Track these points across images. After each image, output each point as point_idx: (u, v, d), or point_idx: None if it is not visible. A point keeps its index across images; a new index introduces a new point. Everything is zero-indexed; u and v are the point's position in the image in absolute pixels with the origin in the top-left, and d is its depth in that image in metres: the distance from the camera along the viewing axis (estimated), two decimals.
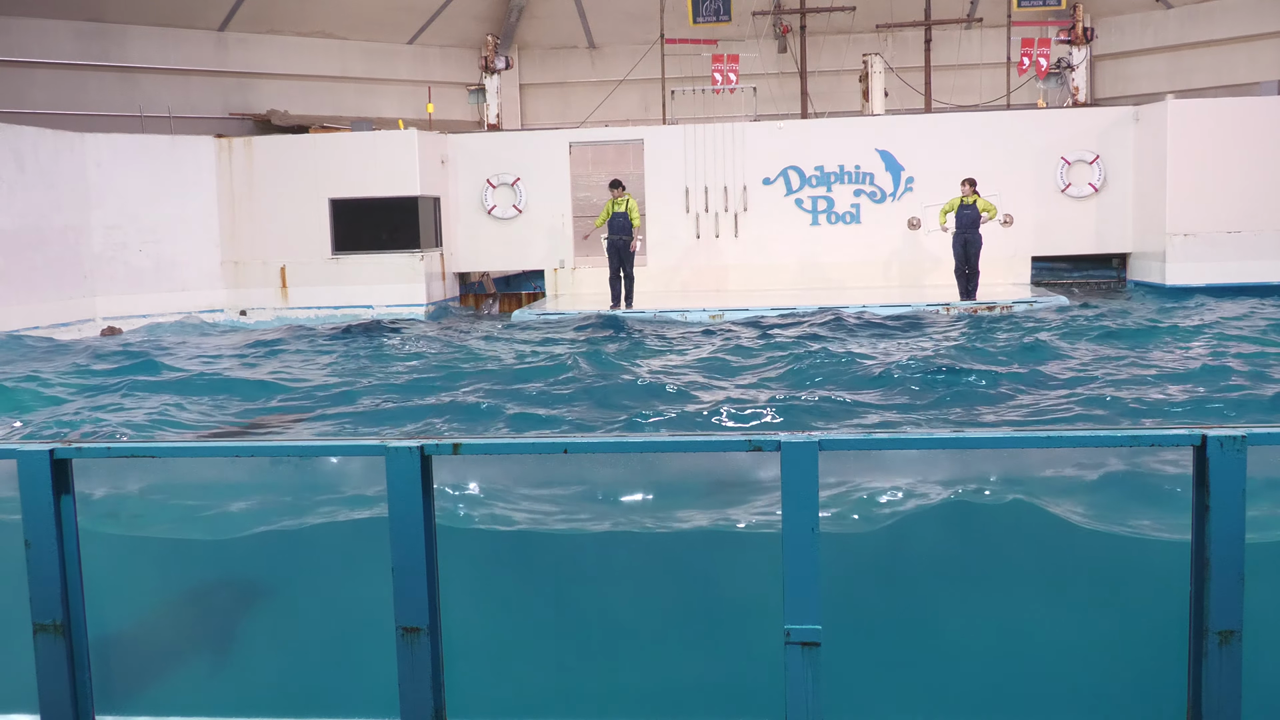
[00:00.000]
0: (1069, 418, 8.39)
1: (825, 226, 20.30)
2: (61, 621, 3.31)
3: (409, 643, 3.23)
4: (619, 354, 12.99)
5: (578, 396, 10.03)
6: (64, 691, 3.33)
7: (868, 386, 10.05)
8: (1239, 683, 3.07)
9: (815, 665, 3.11)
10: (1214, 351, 11.77)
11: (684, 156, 20.25)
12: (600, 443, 4.19)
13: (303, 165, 19.50)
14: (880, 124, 20.55)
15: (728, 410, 8.96)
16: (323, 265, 19.46)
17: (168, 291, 18.93)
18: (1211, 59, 24.42)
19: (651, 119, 23.93)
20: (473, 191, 20.59)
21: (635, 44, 25.63)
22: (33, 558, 3.29)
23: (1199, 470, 3.09)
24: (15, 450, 3.29)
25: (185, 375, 11.64)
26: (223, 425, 9.21)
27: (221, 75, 23.88)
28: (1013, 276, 19.73)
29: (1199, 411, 8.50)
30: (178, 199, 19.13)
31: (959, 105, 22.75)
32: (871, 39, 23.87)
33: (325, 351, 14.08)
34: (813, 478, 3.10)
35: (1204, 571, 3.08)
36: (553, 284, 20.70)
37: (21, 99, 20.85)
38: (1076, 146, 19.66)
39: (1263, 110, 18.55)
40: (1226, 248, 18.54)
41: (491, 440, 3.58)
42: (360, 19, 25.05)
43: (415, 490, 3.21)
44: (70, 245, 17.66)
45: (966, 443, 3.68)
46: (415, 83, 25.67)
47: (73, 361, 13.07)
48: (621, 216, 17.74)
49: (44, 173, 17.08)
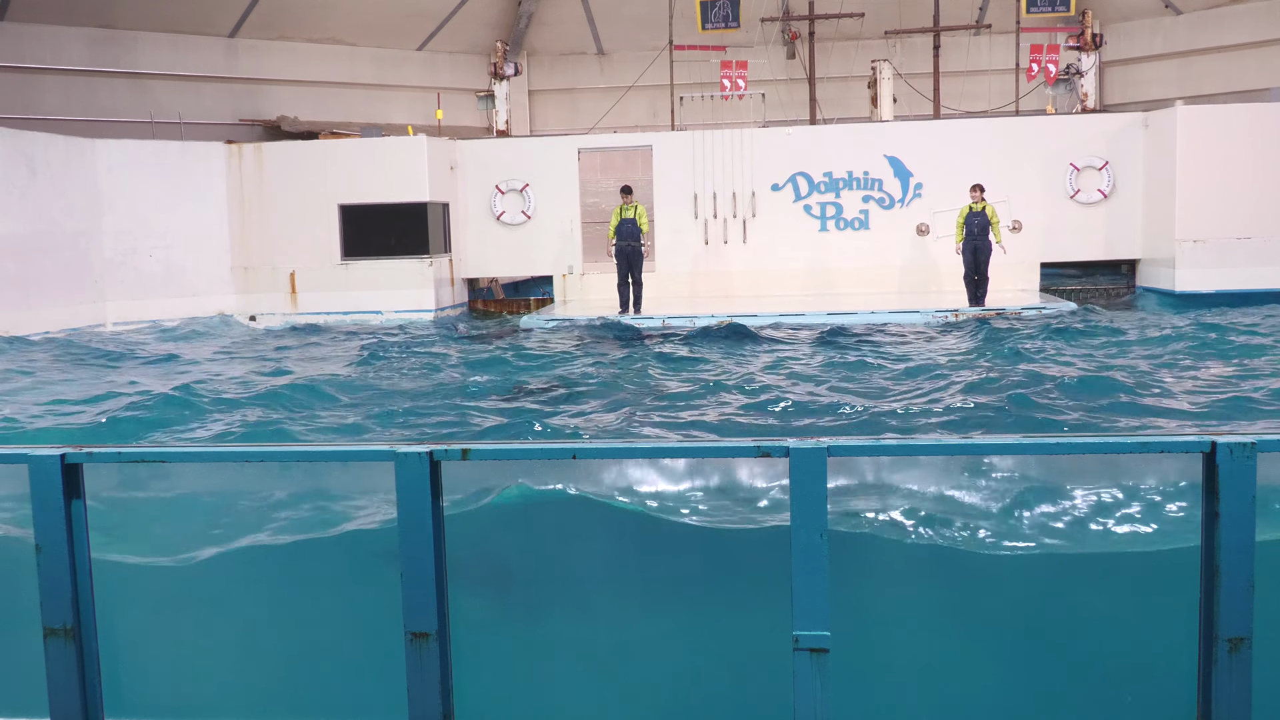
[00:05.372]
0: (1078, 424, 8.37)
1: (834, 232, 20.28)
2: (72, 626, 3.32)
3: (418, 648, 3.24)
4: (627, 360, 12.99)
5: (586, 401, 10.04)
6: (74, 696, 3.34)
7: (876, 393, 10.03)
8: (1249, 689, 3.06)
9: (824, 671, 3.11)
10: (1224, 358, 11.73)
11: (692, 162, 20.26)
12: (609, 448, 4.19)
13: (312, 171, 19.56)
14: (889, 130, 20.53)
15: (736, 416, 8.95)
16: (332, 271, 19.50)
17: (177, 297, 18.99)
18: (1221, 65, 24.38)
19: (660, 125, 23.94)
20: (482, 197, 20.62)
21: (644, 50, 25.67)
22: (43, 562, 3.30)
23: (1209, 477, 3.08)
24: (27, 455, 3.30)
25: (193, 380, 11.66)
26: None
27: (232, 81, 23.98)
28: (1022, 283, 19.68)
29: (1209, 418, 8.47)
30: (188, 205, 19.19)
31: (968, 111, 22.72)
32: (880, 45, 23.86)
33: (334, 357, 14.11)
34: (821, 484, 3.10)
35: (1214, 579, 3.08)
36: (561, 290, 20.71)
37: (33, 105, 20.96)
38: (1086, 152, 19.62)
39: (1272, 116, 18.49)
40: (1236, 254, 18.47)
41: (500, 445, 3.58)
42: (370, 25, 25.13)
43: (424, 496, 3.21)
44: (81, 250, 17.72)
45: (976, 449, 3.68)
46: (425, 89, 25.74)
47: (82, 366, 13.11)
48: (630, 223, 17.76)
49: (55, 178, 17.16)
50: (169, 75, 22.93)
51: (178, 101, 22.62)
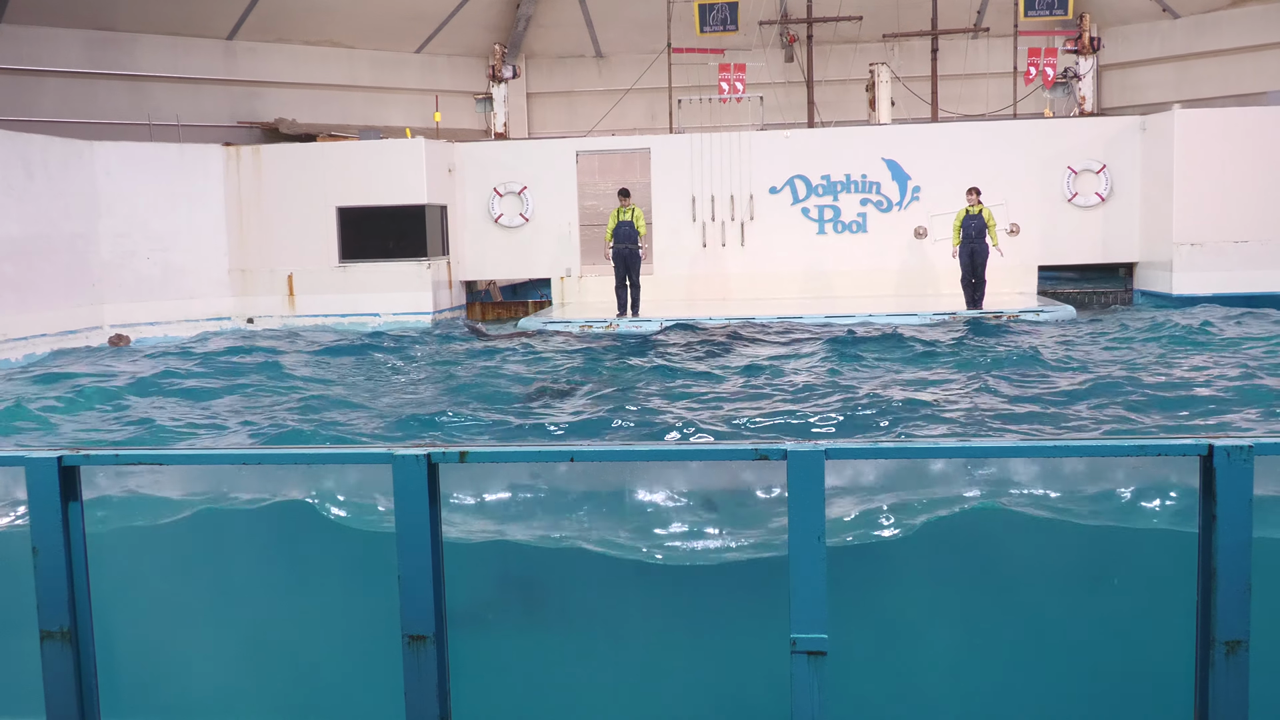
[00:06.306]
0: (1075, 427, 8.37)
1: (831, 236, 20.29)
2: (69, 628, 3.31)
3: (415, 651, 3.24)
4: (625, 363, 12.99)
5: (584, 404, 10.04)
6: (70, 699, 3.33)
7: (873, 396, 10.03)
8: (1246, 693, 3.06)
9: (821, 674, 3.11)
10: (1220, 361, 11.74)
11: (690, 165, 20.27)
12: (607, 451, 4.18)
13: (310, 174, 19.55)
14: (887, 133, 20.55)
15: (734, 419, 8.96)
16: (330, 273, 19.49)
17: (175, 300, 18.96)
18: (1219, 69, 24.42)
19: (658, 128, 23.96)
20: (480, 200, 20.62)
21: (642, 53, 25.68)
22: (40, 565, 3.30)
23: (1206, 480, 3.08)
24: (23, 457, 3.30)
25: (191, 384, 11.66)
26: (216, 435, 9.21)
27: (230, 84, 23.97)
28: (1019, 286, 19.69)
29: (1206, 421, 8.48)
30: (186, 207, 19.17)
31: (965, 115, 22.73)
32: (878, 48, 23.87)
33: (332, 360, 14.10)
34: (819, 487, 3.10)
35: (1210, 582, 3.08)
36: (559, 292, 20.71)
37: (31, 107, 20.94)
38: (1083, 156, 19.64)
39: (1270, 120, 18.52)
40: (1233, 257, 18.50)
41: (498, 449, 3.58)
42: (368, 28, 25.14)
43: (422, 498, 3.21)
44: (79, 253, 17.70)
45: (973, 452, 3.68)
46: (423, 91, 25.74)
47: (80, 369, 13.09)
48: (628, 225, 17.77)
49: (53, 180, 17.14)
50: (167, 77, 22.92)
51: (176, 104, 22.61)
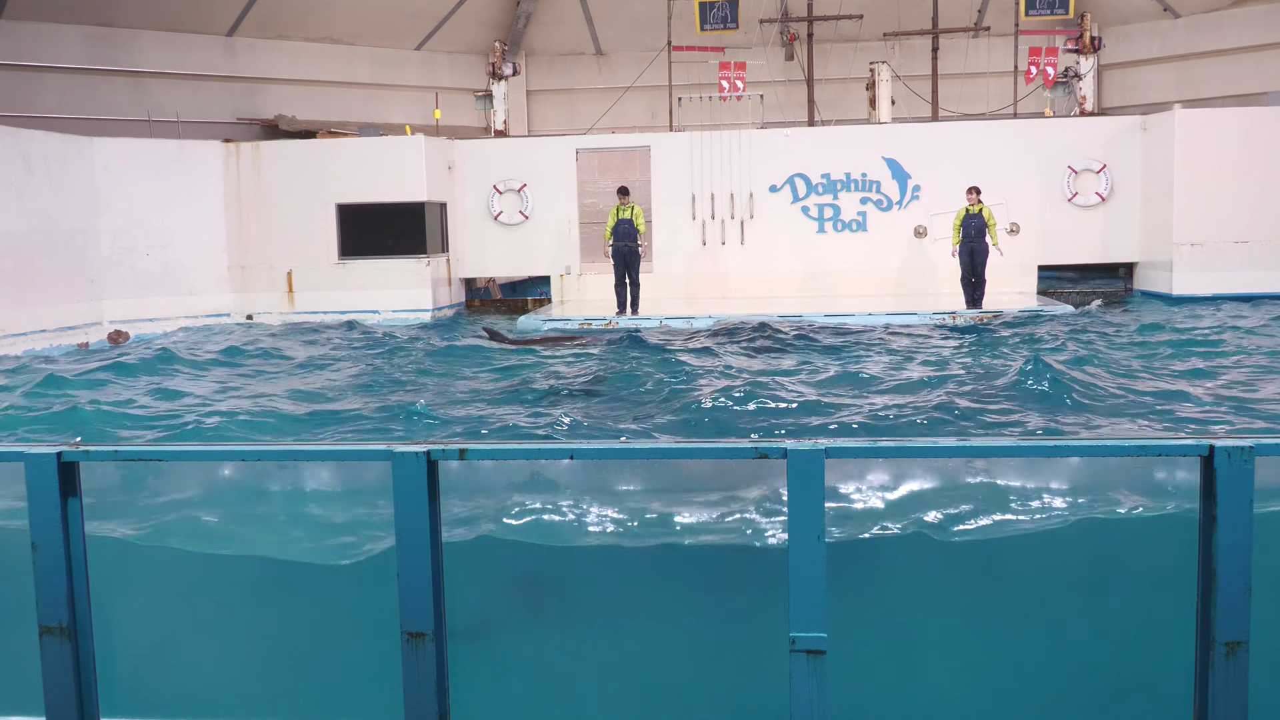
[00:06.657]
0: (1075, 427, 8.37)
1: (831, 234, 20.29)
2: (68, 624, 3.31)
3: (414, 647, 3.23)
4: (624, 361, 12.98)
5: (583, 402, 10.03)
6: (69, 694, 3.33)
7: (873, 395, 10.03)
8: (1245, 694, 3.06)
9: (821, 673, 3.10)
10: (1221, 362, 11.74)
11: (690, 163, 20.26)
12: (606, 449, 4.18)
13: (310, 170, 19.54)
14: (887, 132, 20.54)
15: (733, 417, 8.95)
16: (329, 270, 19.49)
17: (175, 296, 18.96)
18: (1219, 69, 24.41)
19: (658, 126, 23.94)
20: (479, 197, 20.61)
21: (642, 51, 25.67)
22: (39, 560, 3.29)
23: (1206, 481, 3.08)
24: (23, 453, 3.29)
25: (189, 380, 11.65)
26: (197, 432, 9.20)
27: (230, 80, 23.95)
28: (1019, 285, 19.69)
29: (1206, 422, 8.47)
30: (185, 203, 19.17)
31: (966, 114, 22.72)
32: (878, 47, 23.86)
33: (331, 357, 14.09)
34: (819, 485, 3.10)
35: (1210, 582, 3.07)
36: (558, 290, 20.71)
37: (31, 103, 20.92)
38: (1083, 156, 19.64)
39: (1270, 120, 18.52)
40: (1234, 257, 18.50)
41: (498, 446, 3.58)
42: (368, 25, 25.12)
43: (421, 496, 3.21)
44: (78, 249, 17.70)
45: (974, 451, 3.67)
46: (423, 88, 25.72)
47: (79, 365, 13.08)
48: (627, 223, 17.75)
49: (52, 176, 17.13)
50: (167, 74, 22.90)
51: (175, 100, 22.59)
